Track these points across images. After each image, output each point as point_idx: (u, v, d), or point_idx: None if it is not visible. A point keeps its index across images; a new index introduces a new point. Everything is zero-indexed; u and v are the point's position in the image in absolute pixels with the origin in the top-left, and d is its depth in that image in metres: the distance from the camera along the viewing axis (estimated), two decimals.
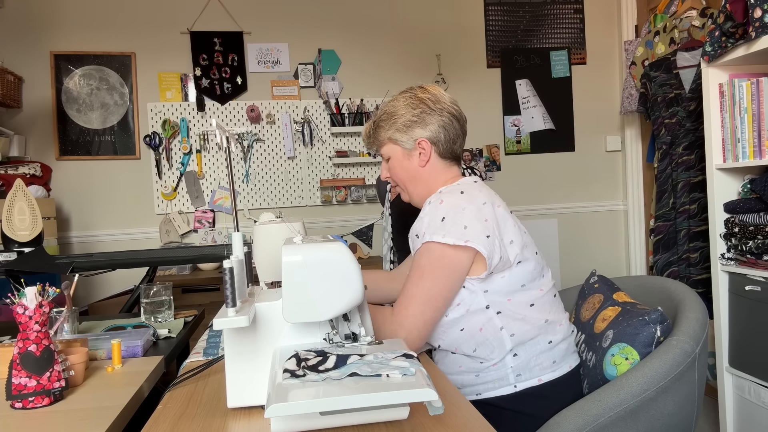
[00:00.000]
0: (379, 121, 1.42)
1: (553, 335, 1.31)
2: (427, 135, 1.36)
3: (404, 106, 1.37)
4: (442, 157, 1.39)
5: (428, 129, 1.36)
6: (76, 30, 3.38)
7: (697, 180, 2.74)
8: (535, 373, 1.28)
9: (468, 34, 3.78)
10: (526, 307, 1.29)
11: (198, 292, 3.08)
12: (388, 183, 2.40)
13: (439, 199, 1.29)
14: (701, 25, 2.81)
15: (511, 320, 1.27)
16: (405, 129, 1.37)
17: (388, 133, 1.39)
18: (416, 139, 1.37)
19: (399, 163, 1.40)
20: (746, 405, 2.17)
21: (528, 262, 1.30)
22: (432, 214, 1.26)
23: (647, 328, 1.26)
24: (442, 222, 1.23)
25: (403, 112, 1.37)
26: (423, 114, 1.36)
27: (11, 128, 3.23)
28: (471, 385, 1.30)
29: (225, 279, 0.90)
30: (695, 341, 1.25)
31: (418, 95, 1.38)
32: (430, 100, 1.37)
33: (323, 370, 0.84)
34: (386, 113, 1.41)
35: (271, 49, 3.57)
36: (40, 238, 2.38)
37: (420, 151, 1.37)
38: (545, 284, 1.34)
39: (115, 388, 1.18)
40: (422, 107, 1.36)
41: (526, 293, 1.29)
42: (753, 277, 2.10)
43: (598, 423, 1.16)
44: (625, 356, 1.26)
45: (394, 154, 1.41)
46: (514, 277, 1.27)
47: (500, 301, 1.27)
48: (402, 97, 1.40)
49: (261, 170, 3.57)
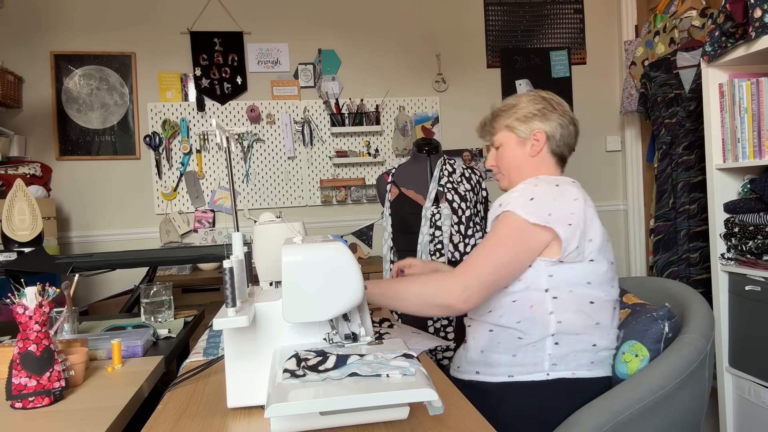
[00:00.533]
0: (499, 111, 1.44)
1: (600, 340, 1.30)
2: (545, 128, 1.38)
3: (527, 101, 1.41)
4: (552, 153, 1.41)
5: (548, 124, 1.39)
6: (76, 30, 3.38)
7: (697, 180, 2.74)
8: (570, 367, 1.28)
9: (468, 34, 3.78)
10: (585, 303, 1.28)
11: (198, 292, 3.08)
12: (388, 183, 2.40)
13: (534, 182, 1.31)
14: (701, 25, 2.81)
15: (564, 309, 1.27)
16: (525, 119, 1.40)
17: (507, 120, 1.42)
18: (533, 130, 1.39)
19: (510, 148, 1.42)
20: (746, 405, 2.17)
21: (600, 264, 1.30)
22: (523, 191, 1.28)
23: (655, 324, 1.27)
24: (530, 201, 1.25)
25: (525, 104, 1.40)
26: (545, 110, 1.39)
27: (11, 128, 3.23)
28: (506, 365, 1.30)
29: (225, 279, 0.90)
30: (706, 338, 1.26)
31: (542, 95, 1.42)
32: (553, 101, 1.41)
33: (323, 370, 0.84)
34: (507, 104, 1.44)
35: (271, 49, 3.57)
36: (40, 238, 2.38)
37: (534, 141, 1.39)
38: (612, 293, 1.33)
39: (115, 388, 1.18)
40: (545, 104, 1.40)
41: (590, 291, 1.29)
42: (753, 277, 2.10)
43: (618, 420, 1.17)
44: (635, 353, 1.27)
45: (507, 141, 1.42)
46: (583, 272, 1.28)
47: (561, 289, 1.27)
48: (525, 94, 1.44)
49: (261, 170, 3.57)
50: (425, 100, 3.72)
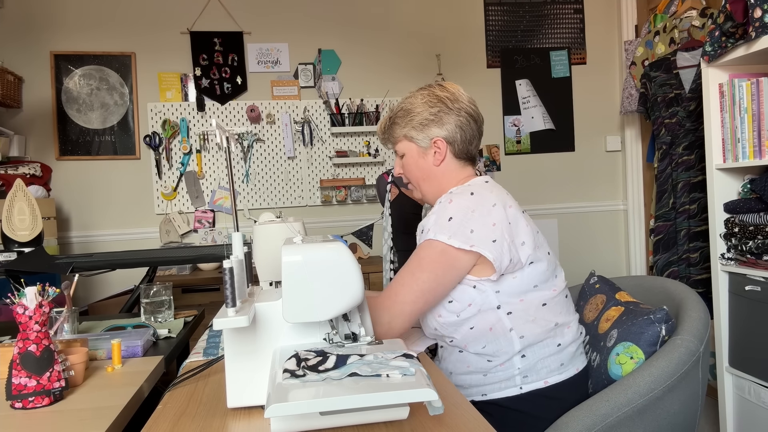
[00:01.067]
0: (396, 117, 1.40)
1: (562, 338, 1.30)
2: (444, 134, 1.34)
3: (422, 104, 1.36)
4: (456, 157, 1.37)
5: (445, 128, 1.34)
6: (76, 30, 3.38)
7: (697, 180, 2.74)
8: (542, 375, 1.27)
9: (468, 34, 3.78)
10: (538, 308, 1.27)
11: (198, 292, 3.08)
12: (388, 183, 2.40)
13: (448, 198, 1.27)
14: (701, 25, 2.81)
15: (521, 321, 1.26)
16: (421, 127, 1.35)
17: (404, 130, 1.38)
18: (432, 138, 1.35)
19: (413, 161, 1.39)
20: (746, 405, 2.17)
21: (540, 263, 1.28)
22: (439, 212, 1.25)
23: (652, 327, 1.27)
24: (448, 222, 1.22)
25: (421, 110, 1.35)
26: (440, 113, 1.34)
27: (11, 128, 3.23)
28: (478, 385, 1.29)
29: (225, 279, 0.90)
30: (699, 340, 1.25)
31: (437, 93, 1.36)
32: (448, 99, 1.35)
33: (323, 370, 0.84)
34: (403, 110, 1.39)
35: (271, 49, 3.57)
36: (40, 238, 2.38)
37: (435, 150, 1.36)
38: (558, 284, 1.33)
39: (115, 388, 1.18)
40: (440, 106, 1.35)
41: (539, 293, 1.28)
42: (753, 277, 2.10)
43: (606, 423, 1.16)
44: (630, 355, 1.26)
45: (408, 152, 1.39)
46: (526, 277, 1.26)
47: (512, 302, 1.25)
48: (420, 94, 1.38)
49: (261, 170, 3.57)
50: None
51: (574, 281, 1.69)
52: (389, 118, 1.42)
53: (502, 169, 3.79)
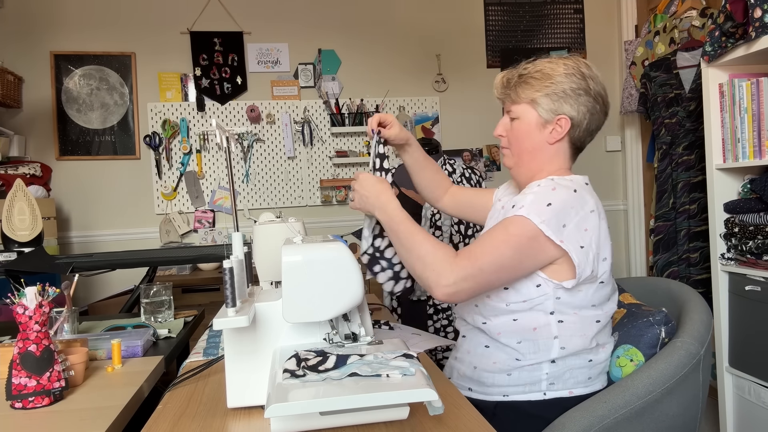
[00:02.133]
0: (530, 77, 1.25)
1: (596, 356, 1.25)
2: (573, 114, 1.23)
3: (565, 75, 1.23)
4: (572, 143, 1.27)
5: (577, 109, 1.23)
6: (76, 30, 3.38)
7: (697, 180, 2.74)
8: (568, 385, 1.23)
9: (468, 34, 3.78)
10: (590, 325, 1.22)
11: (198, 292, 3.08)
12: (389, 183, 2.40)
13: (551, 185, 1.17)
14: (701, 25, 2.81)
15: (569, 333, 1.20)
16: (556, 98, 1.22)
17: (535, 94, 1.23)
18: (559, 114, 1.23)
19: (527, 128, 1.25)
20: (746, 405, 2.17)
21: (607, 286, 1.23)
22: (539, 194, 1.15)
23: (652, 329, 1.26)
24: (546, 207, 1.13)
25: (562, 80, 1.22)
26: (580, 91, 1.23)
27: (11, 128, 3.23)
28: (500, 385, 1.24)
29: (225, 279, 0.90)
30: (700, 343, 1.25)
31: (582, 69, 1.24)
32: (591, 80, 1.24)
33: (323, 370, 0.84)
34: (542, 72, 1.24)
35: (271, 49, 3.57)
36: (40, 238, 2.38)
37: (556, 127, 1.24)
38: (611, 307, 1.27)
39: (115, 388, 1.18)
40: (582, 83, 1.23)
41: (593, 312, 1.23)
42: (753, 277, 2.10)
43: (603, 424, 1.16)
44: (630, 358, 1.26)
45: (526, 118, 1.26)
46: (590, 295, 1.20)
47: (567, 312, 1.20)
48: (563, 63, 1.25)
49: (261, 170, 3.57)
50: (425, 100, 3.72)
51: None
52: (520, 75, 1.27)
53: (502, 169, 3.79)
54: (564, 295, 1.18)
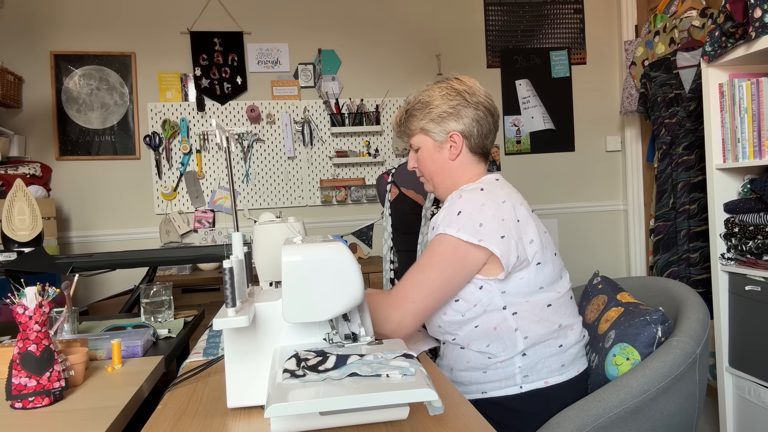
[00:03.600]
0: (413, 109, 1.38)
1: (565, 339, 1.30)
2: (461, 128, 1.33)
3: (440, 97, 1.34)
4: (472, 151, 1.36)
5: (462, 122, 1.33)
6: (76, 30, 3.38)
7: (697, 180, 2.74)
8: (542, 375, 1.27)
9: (468, 34, 3.78)
10: (543, 309, 1.28)
11: (198, 292, 3.08)
12: (388, 183, 2.40)
13: (458, 194, 1.27)
14: (701, 25, 2.81)
15: (526, 322, 1.26)
16: (439, 120, 1.34)
17: (421, 123, 1.36)
18: (449, 132, 1.34)
19: (429, 154, 1.38)
20: (746, 405, 2.17)
21: (547, 264, 1.28)
22: (449, 208, 1.25)
23: (648, 328, 1.26)
24: (457, 216, 1.21)
25: (439, 103, 1.34)
26: (459, 106, 1.33)
27: (11, 128, 3.23)
28: (477, 382, 1.29)
29: (225, 279, 0.90)
30: (696, 342, 1.25)
31: (455, 86, 1.34)
32: (466, 92, 1.34)
33: (323, 370, 0.84)
34: (421, 102, 1.37)
35: (271, 49, 3.57)
36: (40, 238, 2.38)
37: (451, 144, 1.35)
38: (563, 286, 1.33)
39: (115, 388, 1.18)
40: (458, 99, 1.33)
41: (544, 294, 1.28)
42: (753, 277, 2.10)
43: (598, 423, 1.16)
44: (626, 356, 1.26)
45: (424, 145, 1.38)
46: (532, 279, 1.26)
47: (517, 302, 1.26)
48: (438, 87, 1.36)
49: (261, 170, 3.57)
50: None
51: (575, 282, 1.69)
52: (406, 110, 1.40)
53: (502, 169, 3.79)
54: (507, 287, 1.24)
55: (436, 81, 1.40)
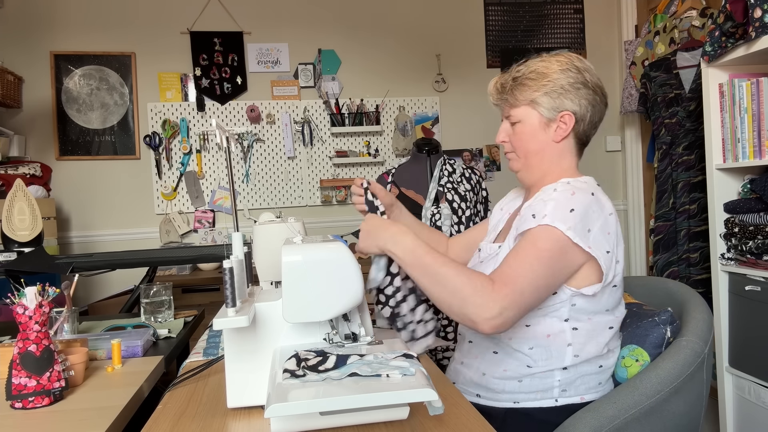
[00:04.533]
0: (525, 78, 1.22)
1: (605, 361, 1.24)
2: (575, 109, 1.21)
3: (560, 71, 1.21)
4: (577, 138, 1.25)
5: (578, 103, 1.21)
6: (76, 30, 3.38)
7: (697, 180, 2.74)
8: (580, 391, 1.21)
9: (468, 34, 3.78)
10: (604, 330, 1.20)
11: (198, 292, 3.08)
12: (388, 183, 2.40)
13: (570, 189, 1.15)
14: (701, 25, 2.81)
15: (582, 340, 1.18)
16: (556, 95, 1.20)
17: (534, 94, 1.21)
18: (561, 111, 1.21)
19: (531, 130, 1.23)
20: (746, 405, 2.17)
21: (619, 289, 1.21)
22: (560, 200, 1.12)
23: (657, 329, 1.26)
24: (570, 213, 1.10)
25: (558, 77, 1.20)
26: (578, 84, 1.21)
27: (11, 128, 3.23)
28: (511, 391, 1.21)
29: (225, 279, 0.90)
30: (704, 341, 1.25)
31: (576, 64, 1.22)
32: (587, 72, 1.23)
33: (323, 370, 0.84)
34: (537, 72, 1.22)
35: (271, 49, 3.57)
36: (40, 238, 2.38)
37: (560, 124, 1.22)
38: (622, 311, 1.26)
39: (115, 388, 1.18)
40: (579, 77, 1.21)
41: (607, 317, 1.21)
42: (753, 277, 2.10)
43: (613, 425, 1.15)
44: (635, 358, 1.26)
45: (528, 119, 1.23)
46: (604, 299, 1.18)
47: (581, 318, 1.18)
48: (556, 60, 1.23)
49: (261, 170, 3.57)
50: (425, 100, 3.72)
51: None
52: (514, 78, 1.24)
53: (502, 169, 3.79)
54: (580, 302, 1.16)
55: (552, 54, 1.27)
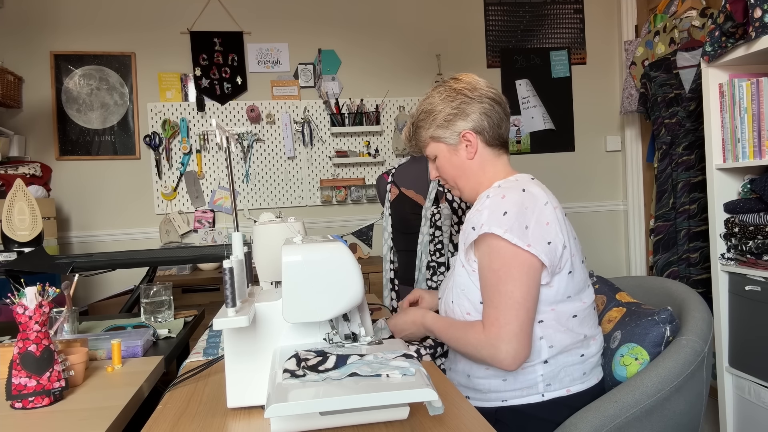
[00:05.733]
0: (418, 121, 1.35)
1: (587, 349, 1.26)
2: (470, 126, 1.29)
3: (441, 101, 1.31)
4: (489, 145, 1.31)
5: (470, 119, 1.29)
6: (76, 30, 3.38)
7: (697, 180, 2.74)
8: (564, 384, 1.23)
9: (468, 34, 3.78)
10: (569, 319, 1.23)
11: (198, 292, 3.08)
12: (388, 183, 2.40)
13: (500, 193, 1.20)
14: (701, 25, 2.81)
15: (551, 331, 1.21)
16: (446, 124, 1.30)
17: (429, 131, 1.33)
18: (460, 132, 1.30)
19: (446, 160, 1.34)
20: (746, 405, 2.17)
21: (576, 272, 1.23)
22: (493, 207, 1.18)
23: (657, 327, 1.26)
24: (504, 216, 1.16)
25: (441, 107, 1.31)
26: (462, 105, 1.29)
27: (11, 128, 3.23)
28: (497, 390, 1.24)
29: (225, 279, 0.90)
30: (704, 340, 1.25)
31: (453, 87, 1.31)
32: (466, 89, 1.30)
33: (323, 370, 0.84)
34: (424, 112, 1.34)
35: (271, 49, 3.57)
36: (40, 238, 2.38)
37: (466, 143, 1.30)
38: (588, 296, 1.28)
39: (115, 388, 1.18)
40: (460, 98, 1.29)
41: (570, 304, 1.23)
42: (753, 277, 2.10)
43: (615, 423, 1.16)
44: (634, 356, 1.26)
45: (439, 152, 1.34)
46: (562, 287, 1.21)
47: (544, 310, 1.21)
48: (437, 92, 1.33)
49: (261, 170, 3.57)
50: None
51: None
52: (412, 124, 1.37)
53: None
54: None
55: (434, 86, 1.37)
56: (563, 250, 1.20)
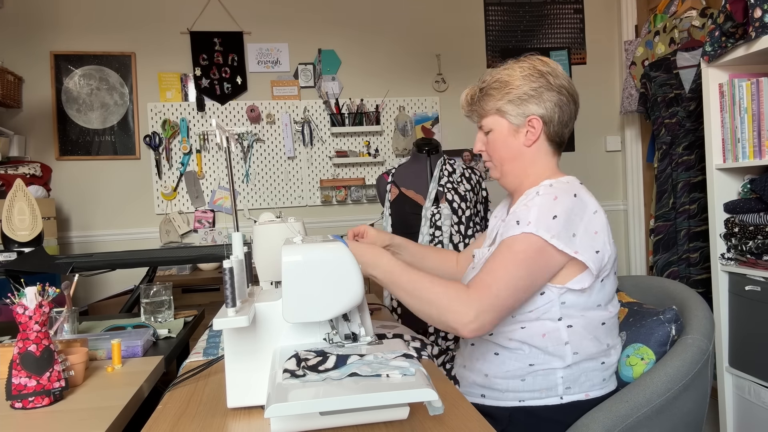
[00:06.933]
0: (489, 88, 1.27)
1: (608, 357, 1.25)
2: (541, 113, 1.23)
3: (522, 77, 1.24)
4: (549, 140, 1.27)
5: (543, 106, 1.23)
6: (76, 30, 3.38)
7: (697, 180, 2.74)
8: (584, 388, 1.21)
9: (468, 34, 3.78)
10: (597, 327, 1.21)
11: (198, 292, 3.08)
12: (388, 183, 2.40)
13: (552, 193, 1.16)
14: (701, 25, 2.81)
15: (578, 338, 1.19)
16: (519, 102, 1.23)
17: (498, 103, 1.25)
18: (528, 116, 1.24)
19: (502, 138, 1.27)
20: (746, 405, 2.17)
21: (610, 282, 1.22)
22: (543, 206, 1.14)
23: (662, 327, 1.26)
24: (553, 220, 1.12)
25: (520, 83, 1.23)
26: (541, 89, 1.22)
27: (11, 128, 3.23)
28: (515, 390, 1.22)
29: (225, 279, 0.90)
30: (708, 339, 1.26)
31: (538, 67, 1.24)
32: (550, 74, 1.24)
33: (323, 370, 0.84)
34: (499, 81, 1.26)
35: (271, 49, 3.57)
36: (40, 238, 2.37)
37: (529, 128, 1.25)
38: (615, 306, 1.27)
39: (115, 388, 1.18)
40: (541, 81, 1.23)
41: (600, 312, 1.21)
42: (753, 277, 2.10)
43: (626, 423, 1.16)
44: (640, 356, 1.26)
45: (498, 128, 1.27)
46: (594, 294, 1.19)
47: (574, 315, 1.18)
48: (519, 66, 1.26)
49: (261, 170, 3.57)
50: (425, 100, 3.72)
51: None
52: (480, 89, 1.29)
53: None
54: (570, 299, 1.17)
55: (517, 60, 1.29)
56: (609, 261, 1.18)
